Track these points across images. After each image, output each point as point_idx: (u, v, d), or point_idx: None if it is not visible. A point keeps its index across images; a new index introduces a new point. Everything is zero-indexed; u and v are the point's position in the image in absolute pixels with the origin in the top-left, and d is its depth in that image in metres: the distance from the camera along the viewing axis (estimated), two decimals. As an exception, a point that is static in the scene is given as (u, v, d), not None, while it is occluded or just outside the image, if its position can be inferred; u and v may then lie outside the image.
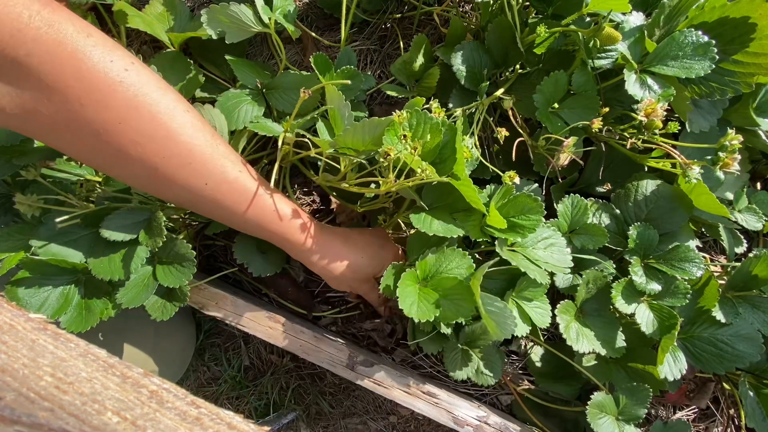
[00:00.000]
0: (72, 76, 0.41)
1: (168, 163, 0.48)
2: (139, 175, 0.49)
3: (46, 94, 0.41)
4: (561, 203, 0.63)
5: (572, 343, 0.59)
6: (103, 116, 0.43)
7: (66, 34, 0.40)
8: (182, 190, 0.50)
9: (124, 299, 0.58)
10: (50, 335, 0.29)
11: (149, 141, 0.46)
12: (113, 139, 0.45)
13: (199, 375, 0.98)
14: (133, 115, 0.44)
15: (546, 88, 0.61)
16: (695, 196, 0.61)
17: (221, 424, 0.28)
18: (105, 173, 0.56)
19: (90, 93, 0.42)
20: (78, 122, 0.43)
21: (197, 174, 0.50)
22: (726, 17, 0.58)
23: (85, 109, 0.42)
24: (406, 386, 0.66)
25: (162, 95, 0.46)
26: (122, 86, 0.43)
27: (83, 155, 0.48)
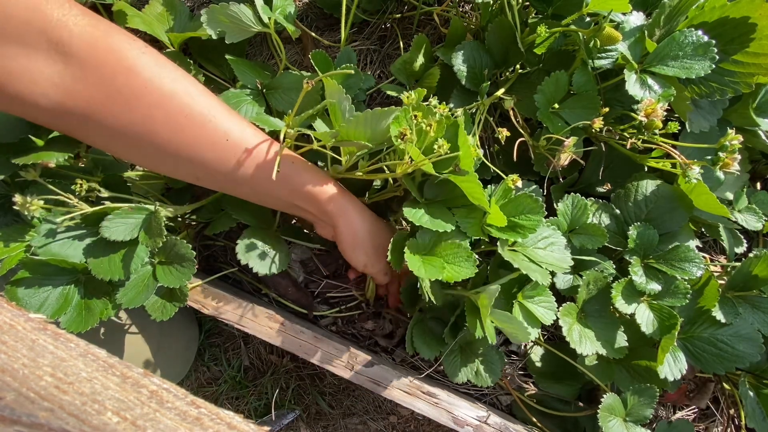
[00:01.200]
0: (110, 59, 0.44)
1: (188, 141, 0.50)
2: (157, 147, 0.50)
3: (85, 72, 0.44)
4: (561, 202, 0.63)
5: (575, 346, 0.59)
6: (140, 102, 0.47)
7: (103, 24, 0.45)
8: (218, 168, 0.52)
9: (124, 299, 0.58)
10: (50, 335, 0.29)
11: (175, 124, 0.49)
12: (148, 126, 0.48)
13: (199, 375, 0.98)
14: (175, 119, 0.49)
15: (547, 88, 0.61)
16: (695, 196, 0.61)
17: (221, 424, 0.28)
18: (145, 166, 0.57)
19: (124, 78, 0.45)
20: (114, 104, 0.46)
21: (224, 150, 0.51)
22: (726, 17, 0.58)
23: (120, 94, 0.46)
24: (406, 386, 0.66)
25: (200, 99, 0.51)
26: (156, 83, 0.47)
27: (119, 144, 0.50)
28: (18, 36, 0.41)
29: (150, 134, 0.48)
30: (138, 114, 0.47)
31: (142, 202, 0.60)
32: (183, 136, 0.49)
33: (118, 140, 0.49)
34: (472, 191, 0.53)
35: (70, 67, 0.44)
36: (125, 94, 0.46)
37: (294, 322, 0.68)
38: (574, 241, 0.63)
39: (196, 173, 0.53)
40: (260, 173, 0.53)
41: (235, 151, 0.51)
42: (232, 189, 0.56)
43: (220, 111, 0.51)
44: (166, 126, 0.48)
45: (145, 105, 0.47)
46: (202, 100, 0.50)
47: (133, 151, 0.51)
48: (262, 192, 0.55)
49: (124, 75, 0.46)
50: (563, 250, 0.59)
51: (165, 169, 0.54)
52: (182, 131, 0.49)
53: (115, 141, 0.49)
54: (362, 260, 0.60)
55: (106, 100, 0.46)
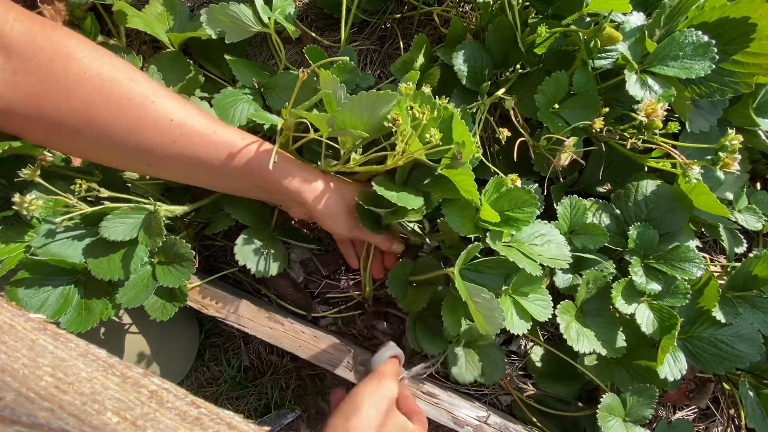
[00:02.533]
0: (48, 48, 0.45)
1: (129, 128, 0.49)
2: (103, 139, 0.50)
3: (24, 63, 0.44)
4: (560, 205, 0.63)
5: (573, 344, 0.59)
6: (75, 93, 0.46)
7: (41, 19, 0.45)
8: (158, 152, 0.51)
9: (123, 299, 0.58)
10: (50, 335, 0.29)
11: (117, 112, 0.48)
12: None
13: (199, 375, 0.98)
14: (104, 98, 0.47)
15: (547, 88, 0.61)
16: (695, 196, 0.61)
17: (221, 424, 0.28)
18: (93, 159, 0.56)
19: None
20: (54, 92, 0.46)
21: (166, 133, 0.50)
22: (726, 17, 0.58)
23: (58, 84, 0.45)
24: (406, 386, 0.66)
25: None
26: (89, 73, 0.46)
27: (64, 136, 0.49)
28: None
29: (92, 121, 0.47)
30: (78, 101, 0.46)
31: (141, 202, 0.60)
32: (126, 120, 0.48)
33: (63, 132, 0.48)
34: (464, 184, 0.52)
35: (11, 60, 0.44)
36: (64, 81, 0.46)
37: (294, 322, 0.68)
38: (575, 242, 0.63)
39: (147, 159, 0.51)
40: (211, 154, 0.51)
41: (182, 132, 0.50)
42: (186, 175, 0.54)
43: (162, 93, 0.50)
44: (107, 111, 0.47)
45: (85, 91, 0.46)
46: (145, 84, 0.49)
47: (80, 143, 0.50)
48: (219, 175, 0.53)
49: (63, 62, 0.45)
50: (561, 246, 0.58)
51: (114, 159, 0.53)
52: (124, 115, 0.48)
53: (59, 133, 0.48)
54: (345, 225, 0.57)
55: (47, 89, 0.45)
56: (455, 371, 0.64)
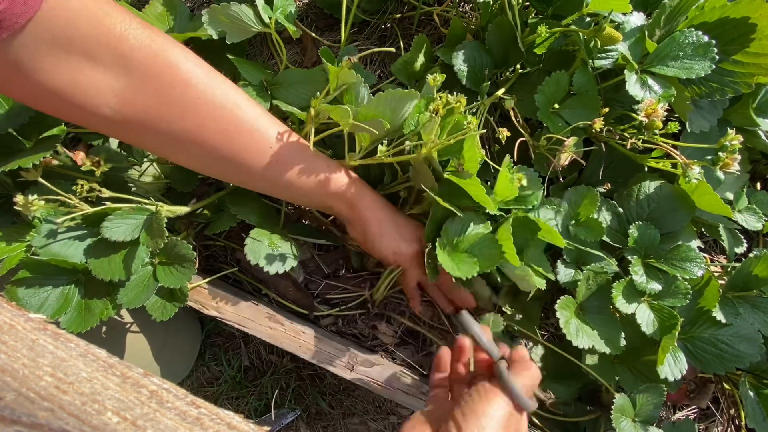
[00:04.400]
0: (167, 73, 0.48)
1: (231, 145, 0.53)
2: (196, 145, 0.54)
3: (144, 83, 0.47)
4: (570, 191, 0.65)
5: (572, 338, 0.59)
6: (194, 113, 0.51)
7: (160, 36, 0.48)
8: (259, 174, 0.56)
9: (124, 300, 0.58)
10: (50, 335, 0.29)
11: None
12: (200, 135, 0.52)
13: (199, 375, 0.98)
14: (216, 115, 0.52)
15: (547, 88, 0.61)
16: (697, 196, 0.61)
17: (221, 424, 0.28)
18: (194, 169, 0.60)
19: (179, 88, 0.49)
20: (170, 114, 0.49)
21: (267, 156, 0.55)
22: (726, 17, 0.58)
23: (176, 100, 0.49)
24: (406, 386, 0.66)
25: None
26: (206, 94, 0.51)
27: (173, 149, 0.53)
28: (86, 49, 0.44)
29: (202, 142, 0.52)
30: (191, 123, 0.50)
31: (142, 203, 0.60)
32: (231, 144, 0.53)
33: (173, 146, 0.52)
34: (475, 193, 0.55)
35: (132, 79, 0.47)
36: (180, 105, 0.49)
37: (294, 322, 0.68)
38: (572, 231, 0.64)
39: (241, 177, 0.57)
40: (300, 178, 0.57)
41: (278, 158, 0.55)
42: (272, 190, 0.59)
43: (265, 120, 0.55)
44: (216, 135, 0.52)
45: (199, 116, 0.50)
46: (250, 111, 0.53)
47: (185, 156, 0.54)
48: (300, 194, 0.59)
49: (180, 87, 0.49)
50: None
51: (213, 172, 0.58)
52: (231, 140, 0.53)
53: (169, 146, 0.53)
54: (391, 247, 0.62)
55: (163, 110, 0.49)
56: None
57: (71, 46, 0.43)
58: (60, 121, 0.63)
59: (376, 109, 0.53)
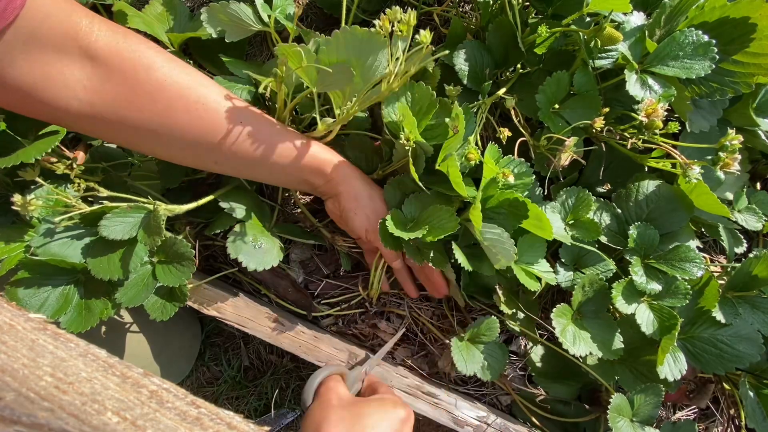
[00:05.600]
0: (131, 59, 0.50)
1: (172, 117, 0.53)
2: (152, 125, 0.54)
3: (110, 72, 0.49)
4: (565, 193, 0.65)
5: (568, 347, 0.59)
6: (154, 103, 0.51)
7: (121, 29, 0.50)
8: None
9: (123, 299, 0.58)
10: (50, 335, 0.29)
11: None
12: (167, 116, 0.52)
13: (199, 375, 0.98)
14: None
15: (548, 88, 0.61)
16: (696, 196, 0.61)
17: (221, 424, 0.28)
18: (166, 157, 0.60)
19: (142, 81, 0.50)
20: (137, 99, 0.50)
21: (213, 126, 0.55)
22: (726, 17, 0.58)
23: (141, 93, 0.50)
24: (406, 386, 0.66)
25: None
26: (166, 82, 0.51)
27: (144, 138, 0.54)
28: (54, 43, 0.46)
29: (172, 125, 0.52)
30: (160, 106, 0.51)
31: (140, 202, 0.59)
32: (201, 123, 0.53)
33: (143, 134, 0.53)
34: (453, 175, 0.54)
35: (97, 69, 0.49)
36: (147, 88, 0.51)
37: (294, 323, 0.68)
38: (568, 232, 0.63)
39: (215, 158, 0.57)
40: (274, 152, 0.57)
41: (250, 134, 0.55)
42: (249, 172, 0.60)
43: (229, 97, 0.55)
44: (186, 115, 0.52)
45: (166, 97, 0.51)
46: (215, 89, 0.54)
47: (158, 144, 0.55)
48: (276, 170, 0.59)
49: (145, 71, 0.50)
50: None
51: (187, 158, 0.58)
52: (200, 119, 0.53)
53: (140, 135, 0.53)
54: (363, 223, 0.62)
55: (131, 96, 0.50)
56: (458, 362, 0.63)
57: (44, 43, 0.46)
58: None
59: (338, 53, 0.49)
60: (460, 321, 0.74)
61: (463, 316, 0.74)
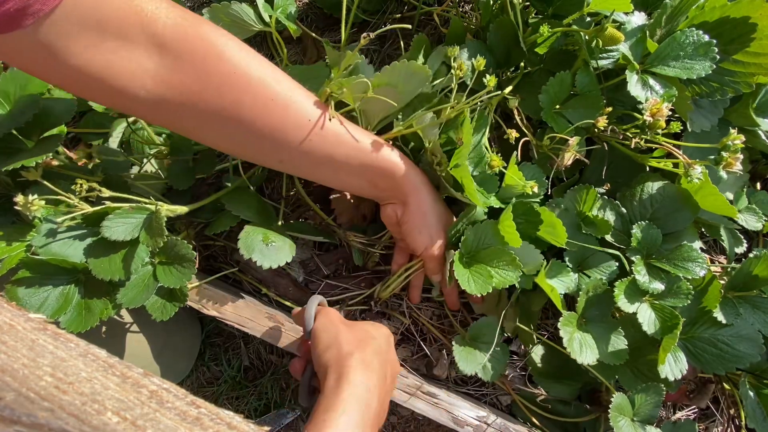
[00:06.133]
0: (200, 48, 0.47)
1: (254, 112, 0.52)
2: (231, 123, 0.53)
3: (179, 61, 0.46)
4: (572, 191, 0.65)
5: (576, 356, 0.58)
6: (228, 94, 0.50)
7: (189, 14, 0.48)
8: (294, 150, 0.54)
9: (124, 299, 0.58)
10: (50, 335, 0.29)
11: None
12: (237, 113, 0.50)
13: (199, 375, 0.98)
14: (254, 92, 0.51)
15: (551, 88, 0.61)
16: (701, 196, 0.61)
17: (221, 424, 0.28)
18: (232, 152, 0.60)
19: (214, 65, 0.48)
20: (206, 90, 0.48)
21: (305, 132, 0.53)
22: (726, 17, 0.58)
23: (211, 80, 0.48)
24: (406, 386, 0.66)
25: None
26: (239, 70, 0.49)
27: (210, 129, 0.52)
28: (118, 31, 0.43)
29: (239, 118, 0.50)
30: (228, 99, 0.49)
31: (142, 202, 0.60)
32: (270, 118, 0.51)
33: (210, 126, 0.51)
34: (467, 183, 0.55)
35: (165, 58, 0.46)
36: (216, 80, 0.48)
37: (294, 323, 0.68)
38: (582, 229, 0.64)
39: (280, 156, 0.55)
40: (340, 151, 0.55)
41: (317, 130, 0.53)
42: (313, 171, 0.58)
43: (300, 94, 0.53)
44: (253, 110, 0.50)
45: (235, 91, 0.49)
46: (285, 84, 0.52)
47: (222, 136, 0.53)
48: (342, 170, 0.56)
49: (215, 62, 0.48)
50: None
51: (251, 153, 0.56)
52: (269, 114, 0.51)
53: (206, 127, 0.52)
54: (426, 242, 0.60)
55: (199, 87, 0.48)
56: (459, 362, 0.63)
57: (102, 29, 0.43)
58: (61, 121, 0.63)
59: (391, 77, 0.53)
60: (461, 321, 0.74)
61: (464, 316, 0.74)
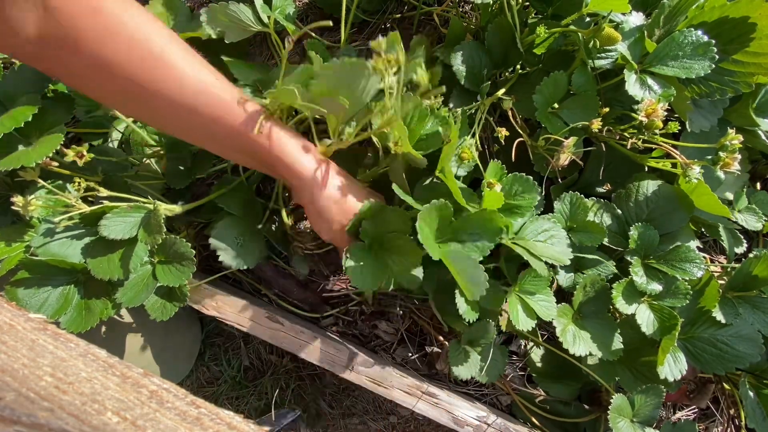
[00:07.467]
0: (87, 14, 0.46)
1: (150, 80, 0.50)
2: (127, 93, 0.51)
3: (63, 23, 0.45)
4: (559, 201, 0.64)
5: (568, 347, 0.59)
6: (108, 48, 0.48)
7: None
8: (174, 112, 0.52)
9: (123, 299, 0.58)
10: (50, 335, 0.29)
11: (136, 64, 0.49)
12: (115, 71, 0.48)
13: (199, 375, 0.98)
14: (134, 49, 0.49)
15: (546, 88, 0.61)
16: (696, 196, 0.61)
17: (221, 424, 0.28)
18: (111, 106, 0.58)
19: (99, 28, 0.47)
20: (84, 49, 0.47)
21: (189, 95, 0.51)
22: (726, 17, 0.58)
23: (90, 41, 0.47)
24: (406, 386, 0.66)
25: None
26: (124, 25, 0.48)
27: (88, 84, 0.51)
28: None
29: (120, 71, 0.49)
30: (109, 49, 0.48)
31: (140, 201, 0.60)
32: (150, 74, 0.50)
33: (94, 74, 0.49)
34: (451, 186, 0.53)
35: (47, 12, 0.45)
36: (93, 31, 0.47)
37: (294, 322, 0.68)
38: (573, 239, 0.63)
39: (155, 105, 0.52)
40: (235, 125, 0.52)
41: (189, 84, 0.52)
42: (186, 129, 0.54)
43: (177, 45, 0.52)
44: (134, 64, 0.49)
45: (118, 41, 0.48)
46: (177, 47, 0.52)
47: (106, 89, 0.51)
48: (232, 145, 0.54)
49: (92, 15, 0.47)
50: (563, 242, 0.60)
51: (129, 106, 0.54)
52: (149, 69, 0.50)
53: (92, 78, 0.50)
54: (324, 229, 0.58)
55: (81, 35, 0.47)
56: (455, 366, 0.64)
57: None
58: (61, 121, 0.63)
59: (329, 85, 0.47)
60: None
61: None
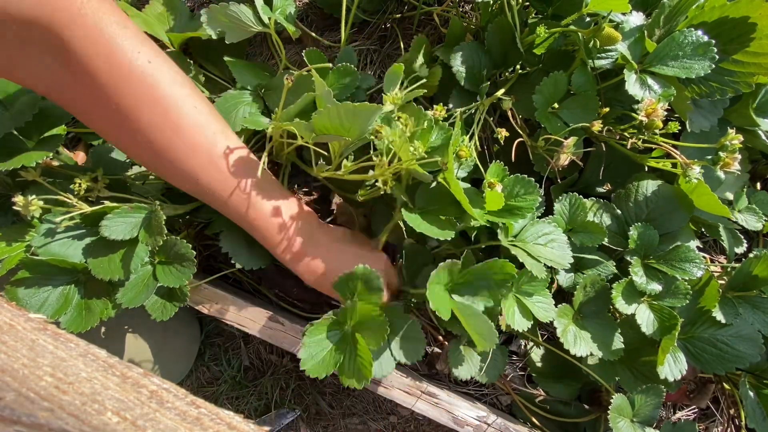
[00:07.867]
0: (103, 60, 0.47)
1: (171, 147, 0.52)
2: (144, 152, 0.53)
3: (80, 73, 0.47)
4: (558, 202, 0.63)
5: (569, 347, 0.59)
6: (124, 100, 0.49)
7: (106, 23, 0.47)
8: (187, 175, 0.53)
9: (124, 299, 0.58)
10: (50, 335, 0.29)
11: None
12: (129, 122, 0.50)
13: (199, 375, 0.98)
14: (147, 103, 0.50)
15: (545, 88, 0.61)
16: (696, 196, 0.61)
17: (221, 424, 0.28)
18: (124, 151, 0.59)
19: (114, 77, 0.48)
20: (101, 101, 0.49)
21: (203, 166, 0.53)
22: (726, 17, 0.58)
23: (108, 90, 0.48)
24: (406, 386, 0.66)
25: (176, 88, 0.51)
26: (142, 75, 0.49)
27: (103, 131, 0.53)
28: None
29: (137, 116, 0.50)
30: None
31: (141, 202, 0.60)
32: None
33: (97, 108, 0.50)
34: (456, 193, 0.53)
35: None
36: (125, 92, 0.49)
37: (294, 322, 0.68)
38: (574, 239, 0.63)
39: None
40: (231, 177, 0.54)
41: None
42: (181, 182, 0.56)
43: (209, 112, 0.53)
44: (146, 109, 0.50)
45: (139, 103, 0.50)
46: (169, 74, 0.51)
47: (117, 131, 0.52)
48: (218, 198, 0.55)
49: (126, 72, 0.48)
50: (564, 246, 0.59)
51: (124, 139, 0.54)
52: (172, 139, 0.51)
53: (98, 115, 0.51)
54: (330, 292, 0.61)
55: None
56: (454, 368, 0.64)
57: None
58: (61, 121, 0.63)
59: (331, 122, 0.50)
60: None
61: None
